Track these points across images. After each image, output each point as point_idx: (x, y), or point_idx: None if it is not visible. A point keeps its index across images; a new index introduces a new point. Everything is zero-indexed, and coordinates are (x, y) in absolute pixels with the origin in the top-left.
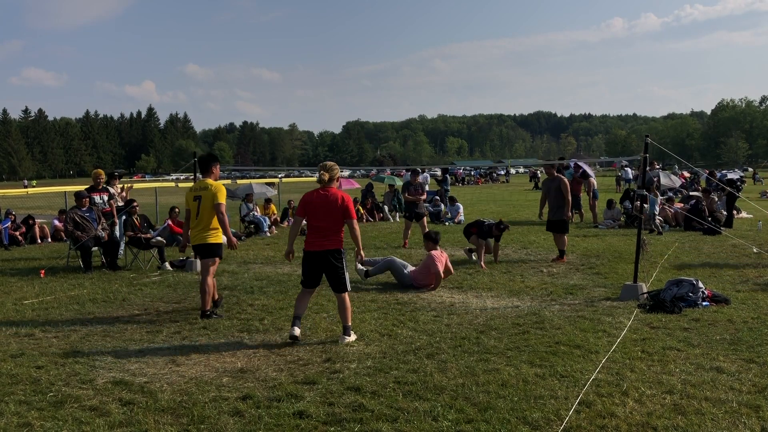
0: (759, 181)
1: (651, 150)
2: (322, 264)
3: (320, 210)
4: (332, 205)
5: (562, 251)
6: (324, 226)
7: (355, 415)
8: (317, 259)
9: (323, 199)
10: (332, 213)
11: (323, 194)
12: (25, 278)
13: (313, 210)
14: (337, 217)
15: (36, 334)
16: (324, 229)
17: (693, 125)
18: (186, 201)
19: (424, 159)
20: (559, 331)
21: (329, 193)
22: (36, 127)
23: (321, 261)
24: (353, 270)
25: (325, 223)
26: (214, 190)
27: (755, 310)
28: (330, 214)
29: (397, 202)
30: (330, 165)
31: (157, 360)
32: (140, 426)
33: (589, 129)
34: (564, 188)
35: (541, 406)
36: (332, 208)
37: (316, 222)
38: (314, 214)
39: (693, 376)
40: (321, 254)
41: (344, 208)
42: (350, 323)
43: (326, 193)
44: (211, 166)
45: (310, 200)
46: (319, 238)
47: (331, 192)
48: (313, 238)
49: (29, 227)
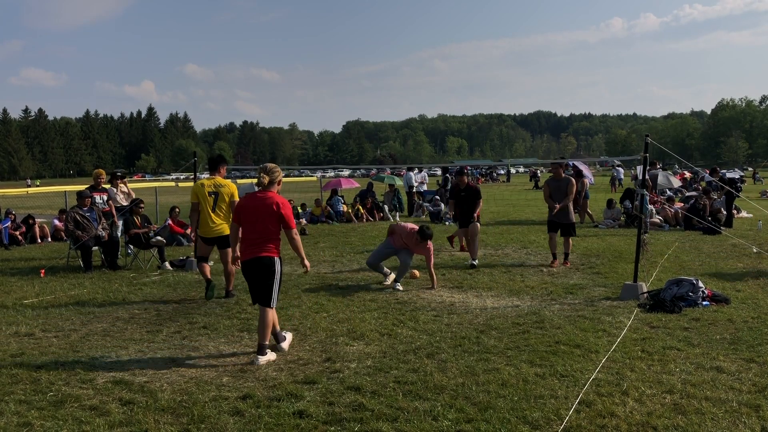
0: (759, 181)
1: (651, 150)
2: (254, 273)
3: (252, 215)
4: (267, 210)
5: (567, 254)
6: (257, 233)
7: (355, 415)
8: (250, 269)
9: (258, 203)
10: (266, 219)
11: (259, 198)
12: (25, 278)
13: (246, 215)
14: (271, 223)
15: (36, 334)
16: (257, 235)
17: (693, 125)
18: (197, 194)
19: (424, 159)
20: (559, 331)
21: (266, 197)
22: (36, 126)
23: (253, 270)
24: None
25: (259, 229)
26: (232, 189)
27: (755, 310)
28: (263, 220)
29: (397, 202)
30: (271, 167)
31: (157, 360)
32: (140, 426)
33: (589, 129)
34: (570, 190)
35: (541, 406)
36: (266, 213)
37: (249, 228)
38: (247, 220)
39: (693, 375)
40: (252, 262)
41: (280, 216)
42: (267, 341)
43: (262, 197)
44: (220, 167)
45: (244, 205)
46: (251, 245)
47: (267, 196)
48: (246, 245)
49: (29, 227)
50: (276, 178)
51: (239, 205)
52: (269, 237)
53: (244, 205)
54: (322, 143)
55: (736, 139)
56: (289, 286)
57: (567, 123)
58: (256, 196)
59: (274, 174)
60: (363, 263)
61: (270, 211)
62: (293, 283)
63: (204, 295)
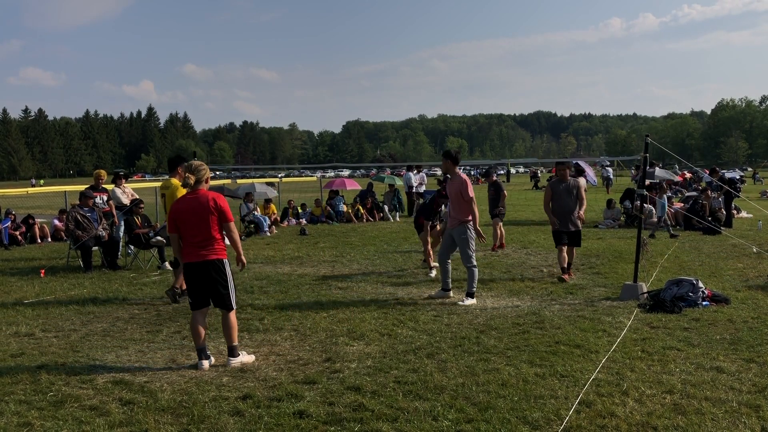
0: (759, 181)
1: (651, 150)
2: (203, 277)
3: (191, 217)
4: (203, 209)
5: (571, 264)
6: (201, 234)
7: (355, 415)
8: (198, 271)
9: (192, 204)
10: (205, 219)
11: (191, 198)
12: (25, 278)
13: (184, 219)
14: (211, 222)
15: (36, 334)
16: (201, 237)
17: (693, 125)
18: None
19: (424, 159)
20: (559, 331)
21: (199, 196)
22: (36, 126)
23: (202, 273)
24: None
25: (202, 229)
26: (174, 189)
27: (755, 310)
28: (203, 221)
29: (396, 202)
30: (196, 165)
31: (157, 360)
32: (140, 426)
33: (589, 129)
34: (582, 195)
35: (541, 406)
36: (204, 212)
37: (190, 232)
38: (185, 223)
39: (693, 375)
40: (201, 265)
41: (218, 209)
42: (236, 343)
43: (195, 197)
44: (178, 167)
45: (177, 209)
46: (197, 248)
47: (200, 194)
48: (191, 248)
49: (29, 227)
50: (202, 176)
51: (173, 210)
52: (214, 237)
53: (177, 209)
54: (322, 143)
55: (736, 139)
56: (289, 286)
57: (567, 123)
58: (188, 198)
59: (201, 172)
60: (363, 263)
61: (208, 208)
62: (293, 283)
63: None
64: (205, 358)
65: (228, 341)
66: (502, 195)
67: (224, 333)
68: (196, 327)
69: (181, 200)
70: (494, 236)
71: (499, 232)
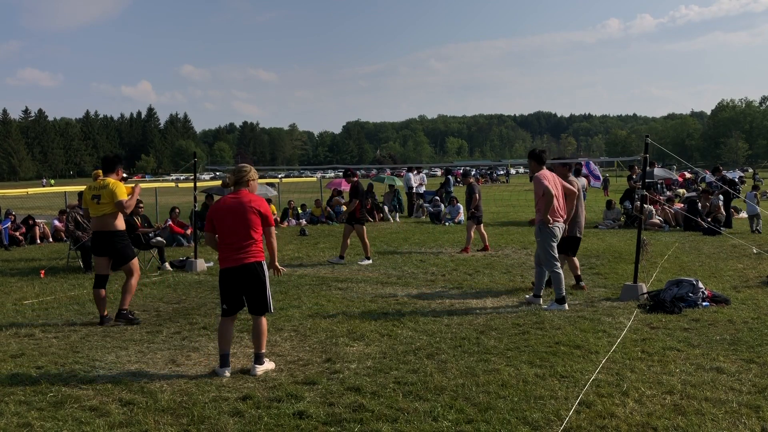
0: (759, 182)
1: (651, 150)
2: (241, 282)
3: (228, 217)
4: (243, 210)
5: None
6: (238, 236)
7: (355, 416)
8: (236, 277)
9: (231, 204)
10: (243, 220)
11: (231, 199)
12: (25, 278)
13: (221, 218)
14: (249, 224)
15: (36, 334)
16: (238, 239)
17: (693, 125)
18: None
19: (424, 159)
20: (559, 332)
21: (239, 196)
22: (36, 127)
23: (240, 278)
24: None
25: (236, 232)
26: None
27: (755, 310)
28: (241, 222)
29: (396, 203)
30: (239, 167)
31: (157, 360)
32: (140, 426)
33: (589, 129)
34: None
35: (541, 407)
36: (243, 213)
37: (226, 232)
38: (222, 224)
39: (693, 376)
40: (239, 270)
41: (260, 212)
42: (264, 350)
43: (236, 197)
44: (117, 167)
45: (216, 208)
46: (234, 251)
47: (241, 195)
48: (228, 252)
49: (29, 227)
50: (243, 177)
51: (211, 209)
52: (251, 238)
53: (216, 209)
54: (322, 144)
55: (736, 139)
56: (289, 286)
57: (567, 123)
58: (228, 198)
59: (241, 173)
60: (363, 263)
61: (248, 209)
62: (293, 283)
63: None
64: (227, 366)
65: (257, 348)
66: (473, 198)
67: (254, 339)
68: (226, 333)
69: (221, 200)
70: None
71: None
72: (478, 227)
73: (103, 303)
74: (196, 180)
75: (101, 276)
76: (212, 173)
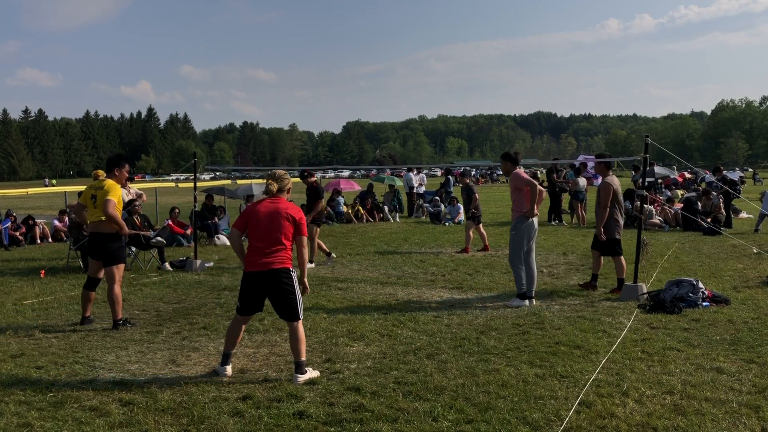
0: (759, 182)
1: (651, 150)
2: (266, 287)
3: (264, 219)
4: (279, 215)
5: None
6: (269, 242)
7: (355, 416)
8: (260, 282)
9: (269, 208)
10: (278, 224)
11: (269, 203)
12: (25, 278)
13: (256, 219)
14: (282, 229)
15: (36, 334)
16: (268, 244)
17: (693, 125)
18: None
19: (424, 159)
20: (559, 332)
21: (277, 201)
22: (36, 127)
23: (265, 283)
24: None
25: (272, 237)
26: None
27: (755, 310)
28: (275, 226)
29: (396, 203)
30: (279, 174)
31: (157, 360)
32: (140, 426)
33: (589, 129)
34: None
35: (541, 407)
36: (278, 218)
37: (257, 235)
38: (256, 225)
39: (693, 376)
40: (265, 275)
41: (295, 220)
42: (304, 358)
43: (274, 202)
44: (116, 168)
45: (252, 209)
46: (262, 255)
47: (279, 201)
48: (256, 256)
49: (29, 227)
50: (285, 185)
51: (247, 209)
52: (282, 243)
53: (252, 210)
54: (322, 144)
55: (736, 139)
56: None
57: (567, 124)
58: (266, 201)
59: (284, 182)
60: (363, 263)
61: (284, 216)
62: None
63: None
64: (228, 364)
65: (296, 356)
66: (473, 198)
67: (292, 348)
68: (235, 332)
69: (259, 203)
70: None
71: (473, 235)
72: (477, 227)
73: (89, 304)
74: (196, 180)
75: (93, 279)
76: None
